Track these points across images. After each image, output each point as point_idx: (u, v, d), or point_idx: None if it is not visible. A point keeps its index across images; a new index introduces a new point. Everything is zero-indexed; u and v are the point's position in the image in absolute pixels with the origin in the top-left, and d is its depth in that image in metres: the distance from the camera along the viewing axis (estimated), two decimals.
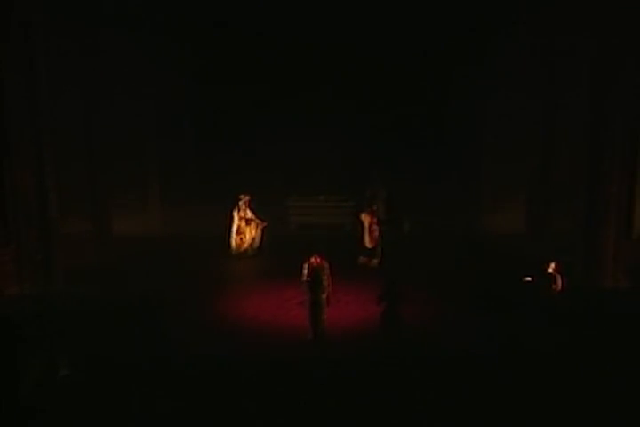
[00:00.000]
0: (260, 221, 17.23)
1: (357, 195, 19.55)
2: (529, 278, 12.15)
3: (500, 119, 18.36)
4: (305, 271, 12.02)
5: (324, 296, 11.99)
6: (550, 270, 11.93)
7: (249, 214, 17.14)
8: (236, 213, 17.06)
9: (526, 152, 17.64)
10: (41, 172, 14.21)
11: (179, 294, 14.33)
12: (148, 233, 18.22)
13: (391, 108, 19.73)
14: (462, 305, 13.58)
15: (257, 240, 17.28)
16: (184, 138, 20.16)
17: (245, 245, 17.22)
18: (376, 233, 16.33)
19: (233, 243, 17.16)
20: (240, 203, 17.05)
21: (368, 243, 16.38)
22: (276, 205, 19.00)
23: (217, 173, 20.00)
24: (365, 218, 16.42)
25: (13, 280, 13.55)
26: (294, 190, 20.14)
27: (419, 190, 19.35)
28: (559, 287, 11.99)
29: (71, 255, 14.93)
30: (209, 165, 20.21)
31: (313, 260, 12.02)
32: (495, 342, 11.64)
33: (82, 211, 16.16)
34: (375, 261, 16.33)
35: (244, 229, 17.13)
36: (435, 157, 19.80)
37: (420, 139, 19.84)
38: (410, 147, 19.90)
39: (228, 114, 19.76)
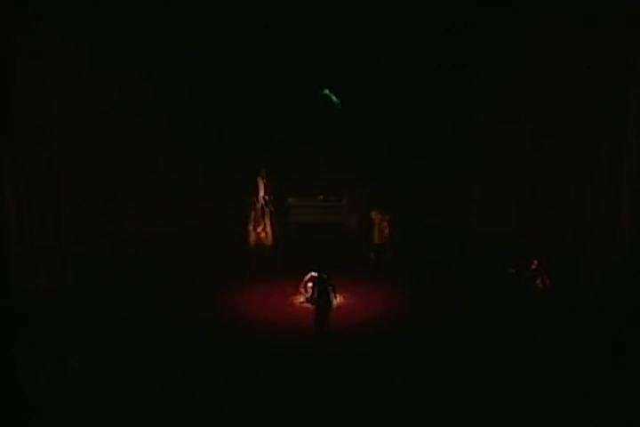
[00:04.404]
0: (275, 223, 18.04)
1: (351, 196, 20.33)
2: (513, 271, 12.76)
3: (493, 125, 18.92)
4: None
5: (331, 293, 12.63)
6: (533, 267, 12.49)
7: (267, 211, 17.87)
8: (253, 211, 17.75)
9: (519, 151, 18.00)
10: (53, 170, 14.42)
11: (183, 288, 14.82)
12: (156, 229, 18.53)
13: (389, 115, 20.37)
14: (456, 299, 14.27)
15: (270, 235, 18.01)
16: (190, 140, 20.62)
17: (263, 239, 17.95)
18: (386, 230, 17.10)
19: (252, 237, 17.87)
20: (259, 200, 17.77)
21: (377, 239, 17.17)
22: (277, 205, 19.57)
23: (222, 173, 20.56)
24: (376, 216, 17.25)
25: (27, 276, 13.64)
26: (295, 190, 20.78)
27: (413, 191, 19.94)
28: (543, 284, 12.50)
29: (83, 252, 15.27)
30: (214, 165, 20.78)
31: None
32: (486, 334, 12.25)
33: (94, 207, 16.39)
34: (388, 255, 17.13)
35: (264, 224, 17.89)
36: (428, 159, 20.31)
37: (413, 143, 20.37)
38: (404, 149, 20.42)
39: (232, 116, 20.31)
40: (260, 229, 17.94)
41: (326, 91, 20.99)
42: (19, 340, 10.55)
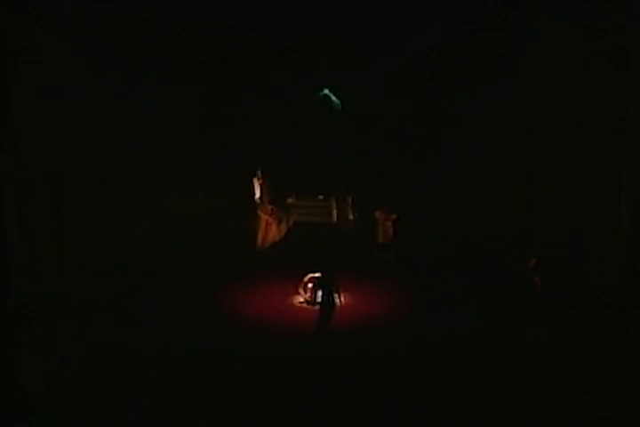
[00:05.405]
0: (285, 220, 18.05)
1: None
2: (512, 270, 12.84)
3: (492, 124, 18.84)
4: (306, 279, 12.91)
5: (335, 294, 12.67)
6: (532, 266, 12.54)
7: (270, 212, 17.90)
8: (261, 212, 17.76)
9: (519, 151, 17.90)
10: (53, 170, 14.45)
11: (183, 288, 14.84)
12: (156, 229, 18.49)
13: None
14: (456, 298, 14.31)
15: (279, 236, 18.04)
16: (190, 140, 20.62)
17: (269, 240, 17.97)
18: (391, 230, 17.12)
19: (259, 238, 17.89)
20: (264, 202, 17.83)
21: (381, 239, 17.19)
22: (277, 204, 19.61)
23: (222, 173, 20.55)
24: (380, 215, 17.28)
25: (27, 276, 13.54)
26: (294, 190, 20.73)
27: (413, 191, 19.95)
28: (542, 283, 12.54)
29: (83, 252, 15.25)
30: (214, 165, 20.78)
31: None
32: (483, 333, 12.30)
33: (94, 207, 16.36)
34: (392, 255, 17.15)
35: (270, 226, 17.92)
36: (428, 159, 20.34)
37: (413, 142, 20.40)
38: (404, 149, 20.48)
39: (232, 116, 20.35)
40: (265, 230, 17.94)
41: (326, 91, 21.02)
42: (19, 340, 10.54)
